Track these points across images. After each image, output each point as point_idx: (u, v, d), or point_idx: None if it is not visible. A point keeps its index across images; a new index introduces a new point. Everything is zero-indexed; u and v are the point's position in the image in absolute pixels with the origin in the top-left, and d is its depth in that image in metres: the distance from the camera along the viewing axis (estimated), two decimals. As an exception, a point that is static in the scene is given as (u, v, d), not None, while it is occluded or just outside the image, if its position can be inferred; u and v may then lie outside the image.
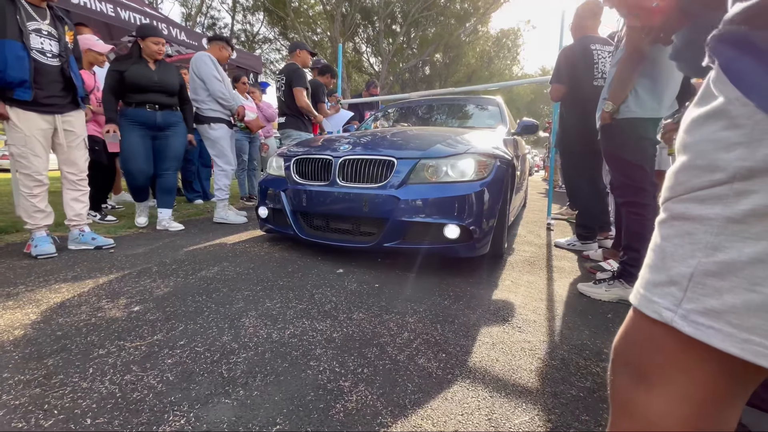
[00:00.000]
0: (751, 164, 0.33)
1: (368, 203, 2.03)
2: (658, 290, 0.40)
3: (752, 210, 0.34)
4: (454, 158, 2.03)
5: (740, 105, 0.35)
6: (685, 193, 0.39)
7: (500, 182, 2.09)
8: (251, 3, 19.18)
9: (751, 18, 0.35)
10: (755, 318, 0.33)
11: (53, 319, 1.39)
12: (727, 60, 0.37)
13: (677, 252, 0.39)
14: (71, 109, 2.21)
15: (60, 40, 2.12)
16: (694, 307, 0.37)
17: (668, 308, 0.38)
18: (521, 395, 1.05)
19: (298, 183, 2.32)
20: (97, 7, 3.94)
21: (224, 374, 1.09)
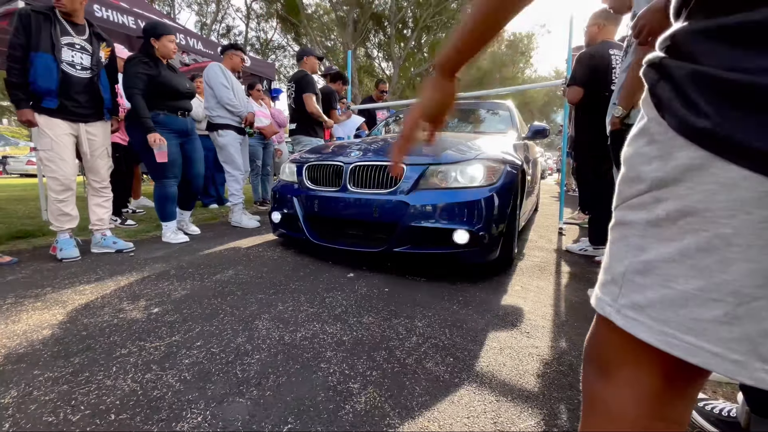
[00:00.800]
0: (663, 175, 0.38)
1: (378, 209, 2.07)
2: (605, 288, 0.44)
3: (666, 215, 0.38)
4: (463, 164, 2.05)
5: (656, 124, 0.40)
6: (623, 202, 0.44)
7: (510, 187, 2.10)
8: (264, 11, 19.58)
9: (667, 48, 0.41)
10: (669, 311, 0.37)
11: (78, 320, 1.47)
12: (651, 84, 0.42)
13: (617, 253, 0.43)
14: (96, 119, 2.33)
15: (93, 54, 2.26)
16: (626, 302, 0.41)
17: (609, 304, 0.43)
18: (528, 400, 1.06)
19: (310, 189, 2.38)
20: (119, 19, 4.10)
21: (239, 375, 1.13)
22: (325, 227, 2.36)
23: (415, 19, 17.20)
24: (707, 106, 0.35)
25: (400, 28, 17.96)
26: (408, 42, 17.82)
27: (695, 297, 0.35)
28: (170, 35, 2.69)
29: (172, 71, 2.77)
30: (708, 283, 0.35)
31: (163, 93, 2.64)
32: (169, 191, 2.79)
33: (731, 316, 0.34)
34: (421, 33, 17.66)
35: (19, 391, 1.03)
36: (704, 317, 0.35)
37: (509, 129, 3.11)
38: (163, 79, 2.60)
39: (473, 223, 1.93)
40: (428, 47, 18.91)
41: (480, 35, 0.58)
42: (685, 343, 0.36)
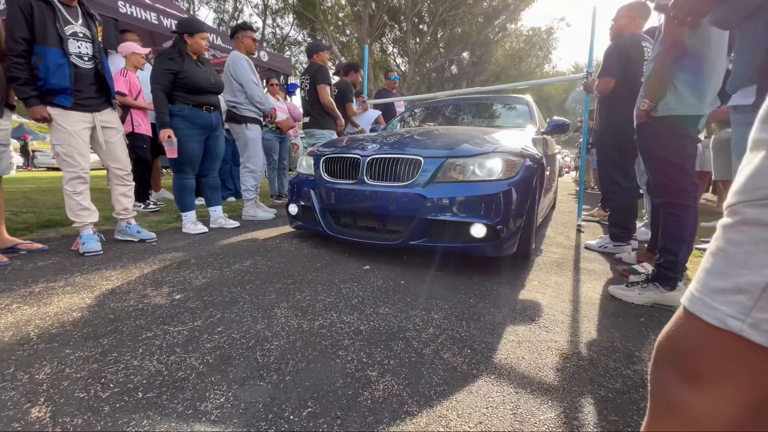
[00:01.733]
0: None
1: (395, 201, 2.06)
2: (722, 297, 0.39)
3: None
4: (481, 157, 2.02)
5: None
6: (762, 198, 0.37)
7: (528, 182, 2.06)
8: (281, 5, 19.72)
9: None
10: None
11: (105, 304, 1.52)
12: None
13: (750, 260, 0.37)
14: (105, 107, 2.30)
15: (94, 41, 2.17)
16: (767, 317, 0.36)
17: (734, 317, 0.38)
18: (547, 393, 1.05)
19: (327, 181, 2.38)
20: (142, 15, 4.21)
21: (259, 359, 1.15)
22: (342, 220, 2.37)
23: (431, 14, 17.02)
24: None
25: (416, 22, 17.81)
26: (424, 37, 17.67)
27: None
28: (204, 32, 2.78)
29: (203, 66, 2.81)
30: None
31: (187, 88, 2.69)
32: (186, 183, 2.86)
33: None
34: (437, 28, 17.48)
35: (52, 368, 1.08)
36: None
37: (528, 123, 3.06)
38: (186, 74, 2.66)
39: (491, 217, 1.91)
40: (444, 42, 18.71)
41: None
42: None
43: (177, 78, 2.65)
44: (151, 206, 3.66)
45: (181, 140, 2.70)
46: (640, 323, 1.54)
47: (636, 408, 1.00)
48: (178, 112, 2.70)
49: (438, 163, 2.05)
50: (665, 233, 1.70)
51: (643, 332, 1.46)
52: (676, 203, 1.66)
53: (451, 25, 17.72)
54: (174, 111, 2.68)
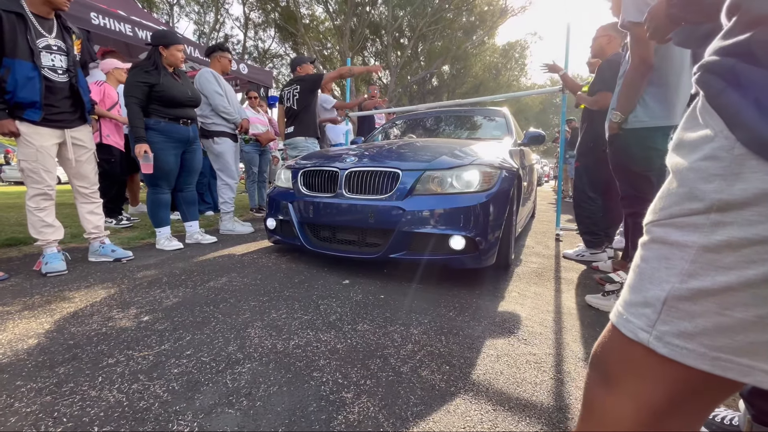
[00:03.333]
0: (727, 197, 0.35)
1: (374, 214, 2.05)
2: (634, 310, 0.42)
3: (727, 242, 0.35)
4: (458, 169, 2.04)
5: (723, 138, 0.36)
6: (666, 219, 0.41)
7: (506, 193, 2.09)
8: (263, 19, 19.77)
9: (739, 53, 0.36)
10: (724, 338, 0.36)
11: (66, 329, 1.43)
12: (713, 92, 0.38)
13: (654, 275, 0.41)
14: (79, 123, 2.22)
15: (69, 53, 2.11)
16: (669, 330, 0.39)
17: (643, 329, 0.41)
18: (525, 409, 1.04)
19: (305, 195, 2.36)
20: (116, 27, 4.11)
21: (229, 384, 1.10)
22: (321, 233, 2.34)
23: (412, 28, 17.40)
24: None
25: (396, 36, 18.16)
26: (405, 50, 18.00)
27: (755, 324, 0.34)
28: (179, 45, 2.73)
29: (179, 78, 2.76)
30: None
31: (163, 101, 2.64)
32: (161, 198, 2.78)
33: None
34: (417, 42, 17.85)
35: (0, 402, 0.99)
36: (760, 340, 0.34)
37: (505, 135, 3.10)
38: (162, 87, 2.60)
39: (469, 229, 1.92)
40: (425, 55, 19.10)
41: None
42: (740, 365, 0.35)
43: (153, 91, 2.59)
44: (123, 222, 3.52)
45: (157, 154, 2.63)
46: (617, 332, 1.56)
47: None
48: (153, 126, 2.63)
49: (416, 175, 2.05)
50: (634, 243, 1.73)
51: (619, 342, 1.47)
52: (642, 213, 1.70)
53: (431, 39, 18.13)
54: (150, 125, 2.61)
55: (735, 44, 0.37)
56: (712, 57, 0.39)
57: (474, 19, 17.75)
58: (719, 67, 0.38)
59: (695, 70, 0.41)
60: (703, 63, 0.40)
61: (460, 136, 3.47)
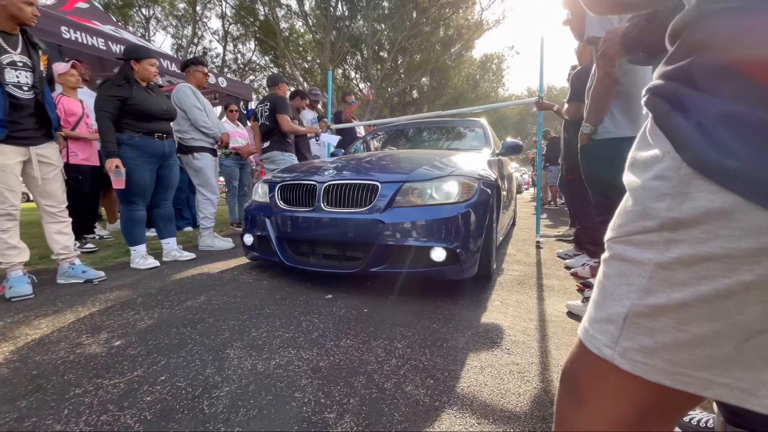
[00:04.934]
0: (677, 216, 0.36)
1: (353, 228, 2.02)
2: (599, 326, 0.43)
3: (679, 259, 0.36)
4: (438, 181, 2.04)
5: (670, 158, 0.37)
6: (623, 236, 0.42)
7: (485, 203, 2.10)
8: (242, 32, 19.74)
9: (681, 77, 0.38)
10: (683, 353, 0.37)
11: (30, 358, 1.35)
12: (660, 114, 0.39)
13: (615, 291, 0.42)
14: (45, 140, 2.13)
15: (35, 69, 2.04)
16: (631, 345, 0.40)
17: (607, 345, 0.42)
18: (509, 420, 1.03)
19: (283, 209, 2.31)
20: (88, 41, 4.02)
21: (205, 410, 1.06)
22: (299, 248, 2.29)
23: (391, 42, 17.72)
24: (737, 144, 0.32)
25: (376, 50, 18.44)
26: (385, 63, 18.28)
27: (710, 338, 0.35)
28: (152, 59, 2.69)
29: (151, 93, 2.71)
30: (724, 325, 0.35)
31: (137, 115, 2.58)
32: (136, 215, 2.69)
33: (740, 350, 0.35)
34: (397, 55, 18.17)
35: (-47, 443, 0.92)
36: (716, 354, 0.35)
37: (483, 146, 3.15)
38: (135, 101, 2.55)
39: (450, 240, 1.91)
40: (404, 68, 19.44)
41: None
42: (699, 379, 0.36)
43: (125, 105, 2.54)
44: (87, 245, 3.34)
45: (131, 170, 2.55)
46: (596, 338, 1.58)
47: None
48: (127, 141, 2.56)
49: (395, 187, 2.04)
50: None
51: (599, 347, 1.49)
52: None
53: (411, 52, 18.50)
54: (123, 140, 2.55)
55: (677, 69, 0.39)
56: (658, 81, 0.41)
57: (452, 32, 18.23)
58: (664, 91, 0.39)
59: (644, 93, 0.43)
60: (650, 86, 0.42)
61: (440, 147, 3.51)
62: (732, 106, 0.33)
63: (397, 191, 2.03)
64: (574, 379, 0.48)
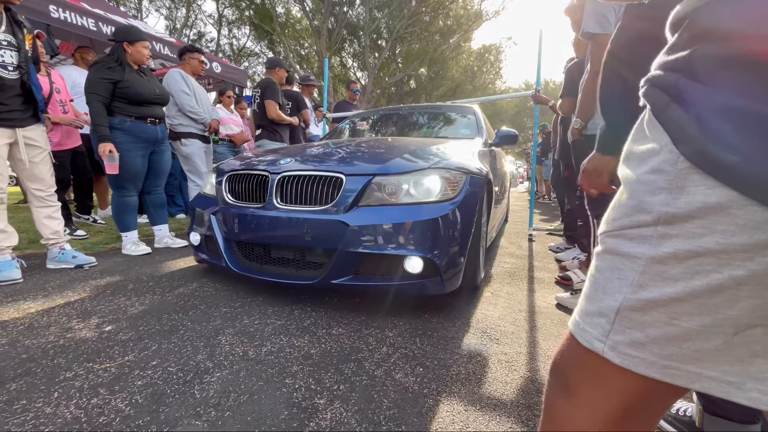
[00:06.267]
0: (673, 210, 0.36)
1: (311, 230, 1.66)
2: (590, 320, 0.43)
3: (673, 253, 0.36)
4: (416, 174, 1.70)
5: (668, 152, 0.36)
6: (617, 230, 0.42)
7: (473, 201, 1.79)
8: (237, 17, 19.32)
9: (681, 68, 0.37)
10: (673, 347, 0.37)
11: (19, 342, 1.34)
12: (658, 106, 0.39)
13: (607, 285, 0.42)
14: (32, 122, 2.09)
15: (20, 49, 1.98)
16: (622, 339, 0.40)
17: (598, 339, 0.42)
18: (496, 408, 1.06)
19: (230, 204, 1.93)
20: (78, 21, 3.90)
21: (196, 395, 1.07)
22: (250, 252, 1.91)
23: (389, 30, 17.47)
24: (737, 139, 0.31)
25: (374, 38, 18.18)
26: (382, 52, 18.05)
27: (700, 332, 0.36)
28: (145, 41, 2.62)
29: (144, 76, 2.65)
30: (714, 320, 0.35)
31: (129, 99, 2.52)
32: (127, 201, 2.66)
33: (729, 344, 0.35)
34: (395, 44, 17.94)
35: (-58, 424, 0.92)
36: (705, 348, 0.36)
37: (475, 135, 2.77)
38: (127, 84, 2.49)
39: (428, 248, 1.57)
40: (402, 57, 19.22)
41: None
42: (687, 372, 0.37)
43: (117, 88, 2.47)
44: (78, 232, 3.29)
45: (123, 155, 2.51)
46: (584, 329, 1.62)
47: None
48: (118, 125, 2.50)
49: (363, 181, 1.67)
50: None
51: (585, 338, 1.53)
52: None
53: (409, 42, 18.26)
54: (114, 124, 2.49)
55: (677, 60, 0.38)
56: (657, 71, 0.40)
57: (450, 22, 18.01)
58: (663, 82, 0.39)
59: (642, 84, 0.43)
60: (649, 77, 0.41)
61: (426, 135, 3.07)
62: (733, 100, 0.32)
63: (365, 186, 1.67)
64: (563, 371, 0.48)
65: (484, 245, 2.20)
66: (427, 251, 1.57)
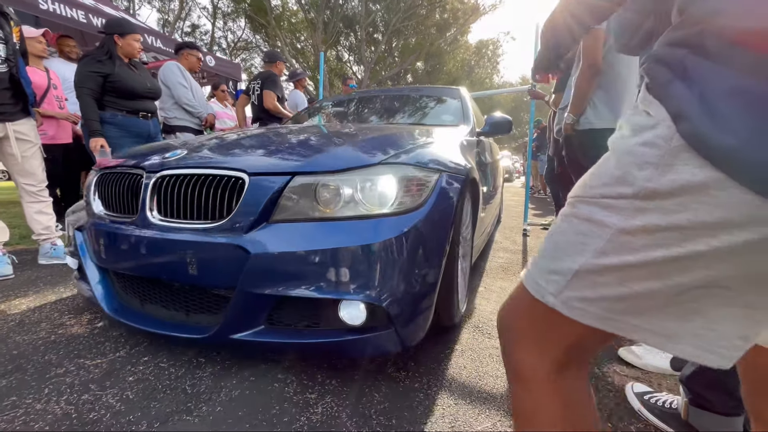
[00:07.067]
0: (655, 186, 0.36)
1: (195, 259, 1.07)
2: (546, 276, 0.45)
3: (642, 227, 0.37)
4: (360, 173, 1.10)
5: (665, 127, 0.36)
6: (593, 197, 0.42)
7: (447, 210, 1.22)
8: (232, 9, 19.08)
9: (690, 44, 0.36)
10: (619, 304, 0.40)
11: (10, 338, 1.34)
12: (660, 82, 0.38)
13: (569, 249, 0.43)
14: (22, 116, 2.07)
15: (8, 42, 1.95)
16: (573, 295, 0.42)
17: (551, 293, 0.44)
18: (485, 402, 1.07)
19: (98, 217, 1.34)
20: (68, 13, 3.84)
21: (188, 390, 1.07)
22: (129, 286, 1.29)
23: (386, 24, 17.33)
24: (739, 121, 0.31)
25: (370, 31, 18.03)
26: (378, 46, 17.93)
27: (647, 294, 0.38)
28: (136, 34, 2.57)
29: (135, 69, 2.60)
30: (663, 285, 0.37)
31: (120, 93, 2.48)
32: None
33: (670, 303, 0.38)
34: (391, 37, 17.81)
35: (-69, 421, 0.92)
36: (648, 305, 0.39)
37: (460, 121, 2.17)
38: (118, 78, 2.44)
39: (376, 287, 1.02)
40: (398, 51, 19.10)
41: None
42: (628, 324, 0.40)
43: (107, 82, 2.43)
44: None
45: (114, 150, 2.47)
46: (575, 324, 1.63)
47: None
48: (110, 120, 2.46)
49: (278, 183, 1.07)
50: None
51: (576, 332, 1.54)
52: None
53: (405, 35, 18.13)
54: (106, 118, 2.46)
55: (686, 35, 0.37)
56: (661, 48, 0.39)
57: (447, 16, 17.89)
58: (669, 58, 0.38)
59: (643, 60, 0.42)
60: (652, 53, 0.40)
61: (402, 122, 2.38)
62: (743, 81, 0.31)
63: (281, 190, 1.07)
64: (514, 321, 0.52)
65: (469, 262, 1.73)
66: (373, 293, 1.01)
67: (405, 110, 2.61)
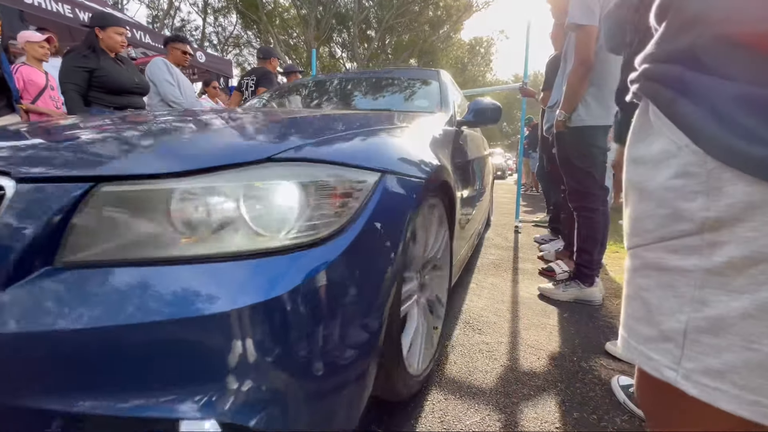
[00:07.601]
0: (716, 215, 0.32)
1: None
2: (653, 345, 0.38)
3: (729, 262, 0.32)
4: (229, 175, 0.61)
5: (690, 152, 0.33)
6: (655, 242, 0.37)
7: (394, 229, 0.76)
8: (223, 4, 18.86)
9: (683, 59, 0.34)
10: (759, 378, 0.31)
11: None
12: (664, 102, 0.35)
13: (663, 305, 0.37)
14: (6, 113, 2.04)
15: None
16: (695, 367, 0.34)
17: (669, 366, 0.36)
18: (475, 396, 1.08)
19: None
20: (53, 7, 3.77)
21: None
22: None
23: (378, 20, 17.28)
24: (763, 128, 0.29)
25: (363, 28, 17.97)
26: (372, 42, 17.88)
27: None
28: (118, 27, 2.50)
29: (121, 64, 2.56)
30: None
31: (106, 88, 2.43)
32: None
33: None
34: (384, 34, 17.78)
35: None
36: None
37: (435, 108, 1.75)
38: (103, 72, 2.39)
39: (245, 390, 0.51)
40: (392, 48, 19.07)
41: None
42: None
43: (93, 77, 2.38)
44: None
45: None
46: (564, 319, 1.66)
47: (557, 404, 1.07)
48: None
49: (64, 201, 0.54)
50: (580, 235, 1.84)
51: (565, 328, 1.57)
52: (587, 207, 1.82)
53: (399, 32, 18.11)
54: (92, 114, 2.43)
55: (676, 51, 0.35)
56: (652, 64, 0.37)
57: (440, 13, 17.90)
58: (664, 76, 0.36)
59: (635, 79, 0.40)
60: (644, 71, 0.38)
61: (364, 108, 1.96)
62: (750, 87, 0.30)
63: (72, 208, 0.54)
64: (646, 406, 0.44)
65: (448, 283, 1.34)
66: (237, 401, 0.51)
67: (370, 94, 2.14)
